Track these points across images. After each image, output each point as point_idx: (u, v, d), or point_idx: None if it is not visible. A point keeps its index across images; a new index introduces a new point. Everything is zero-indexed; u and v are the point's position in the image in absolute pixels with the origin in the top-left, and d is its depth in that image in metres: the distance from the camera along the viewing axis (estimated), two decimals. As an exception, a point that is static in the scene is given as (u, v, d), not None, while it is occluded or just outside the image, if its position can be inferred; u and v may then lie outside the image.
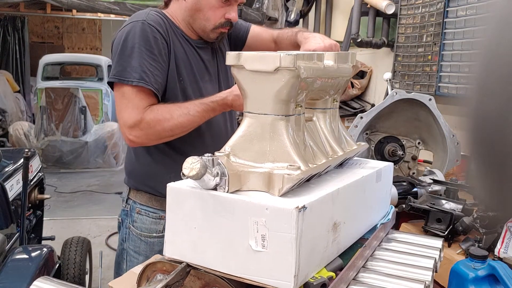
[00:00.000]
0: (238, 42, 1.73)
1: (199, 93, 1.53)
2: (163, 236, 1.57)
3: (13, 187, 2.54)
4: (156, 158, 1.57)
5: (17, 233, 2.47)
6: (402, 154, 2.10)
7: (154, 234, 1.60)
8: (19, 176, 2.60)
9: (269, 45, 1.69)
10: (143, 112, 1.39)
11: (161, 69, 1.43)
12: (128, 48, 1.39)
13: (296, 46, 1.52)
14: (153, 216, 1.60)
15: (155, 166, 1.58)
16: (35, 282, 0.96)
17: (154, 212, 1.60)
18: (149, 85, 1.39)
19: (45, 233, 3.15)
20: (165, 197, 1.58)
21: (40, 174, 3.04)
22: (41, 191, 3.10)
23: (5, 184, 2.37)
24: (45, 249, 2.21)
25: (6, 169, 2.59)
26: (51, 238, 3.07)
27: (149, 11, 1.49)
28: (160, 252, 1.60)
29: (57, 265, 2.32)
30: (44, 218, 3.12)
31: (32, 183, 2.83)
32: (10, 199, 2.39)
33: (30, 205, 2.91)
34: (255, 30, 1.73)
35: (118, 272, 1.68)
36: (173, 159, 1.53)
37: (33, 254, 2.15)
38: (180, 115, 1.40)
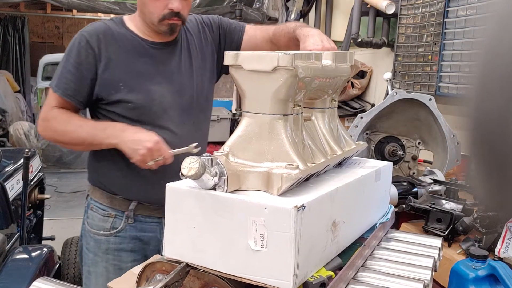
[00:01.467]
0: (233, 46, 1.69)
1: (148, 95, 1.51)
2: (110, 235, 1.59)
3: (13, 187, 2.54)
4: (106, 153, 1.57)
5: (17, 233, 2.47)
6: (402, 154, 2.10)
7: (101, 232, 1.60)
8: (19, 176, 2.59)
9: (265, 45, 1.66)
10: (51, 110, 1.52)
11: (79, 77, 1.51)
12: (64, 57, 1.54)
13: (295, 40, 1.48)
14: (102, 214, 1.60)
15: (105, 161, 1.60)
16: (34, 283, 0.96)
17: (103, 209, 1.60)
18: (57, 90, 1.51)
19: (45, 233, 3.15)
20: (114, 194, 1.59)
21: (40, 174, 3.04)
22: (41, 191, 3.10)
23: (5, 184, 2.37)
24: (45, 249, 2.21)
25: (6, 169, 2.59)
26: (51, 238, 3.06)
27: (100, 22, 1.58)
28: (107, 250, 1.59)
29: (57, 265, 2.32)
30: (44, 218, 3.12)
31: (32, 183, 2.83)
32: (10, 199, 2.39)
33: (30, 205, 2.90)
34: (250, 33, 1.70)
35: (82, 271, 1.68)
36: (121, 155, 1.53)
37: (33, 254, 2.15)
38: (69, 122, 1.51)
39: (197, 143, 1.42)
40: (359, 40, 3.74)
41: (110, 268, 1.59)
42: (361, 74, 4.09)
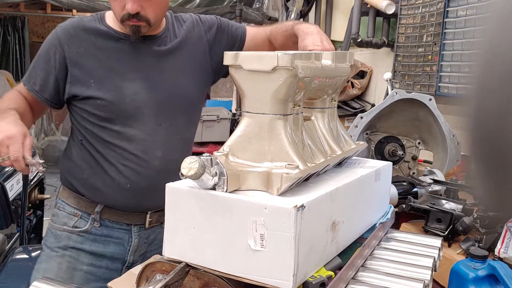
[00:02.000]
0: (235, 48, 1.63)
1: (118, 92, 1.46)
2: (72, 232, 1.52)
3: (13, 187, 2.54)
4: (76, 151, 1.54)
5: (17, 233, 2.48)
6: (402, 154, 2.10)
7: (65, 227, 1.54)
8: (19, 176, 2.60)
9: (264, 45, 1.62)
10: (9, 91, 1.56)
11: (46, 74, 1.49)
12: (39, 51, 1.54)
13: (294, 37, 1.43)
14: (68, 212, 1.55)
15: (74, 159, 1.55)
16: (34, 283, 0.95)
17: (70, 209, 1.56)
18: (26, 84, 1.52)
19: (45, 233, 3.15)
20: (81, 194, 1.54)
21: (40, 174, 3.04)
22: (41, 191, 3.10)
23: (5, 184, 2.37)
24: (45, 249, 2.21)
25: (6, 169, 2.59)
26: (51, 238, 3.06)
27: (78, 17, 1.55)
28: (66, 246, 1.52)
29: (57, 265, 2.32)
30: (44, 218, 3.12)
31: (32, 183, 2.83)
32: (10, 199, 2.40)
33: (30, 205, 2.91)
34: (251, 33, 1.65)
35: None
36: (91, 153, 1.51)
37: (33, 254, 2.15)
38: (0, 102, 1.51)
39: (43, 161, 1.35)
40: (359, 40, 3.74)
41: (63, 266, 1.51)
42: (361, 74, 4.09)
